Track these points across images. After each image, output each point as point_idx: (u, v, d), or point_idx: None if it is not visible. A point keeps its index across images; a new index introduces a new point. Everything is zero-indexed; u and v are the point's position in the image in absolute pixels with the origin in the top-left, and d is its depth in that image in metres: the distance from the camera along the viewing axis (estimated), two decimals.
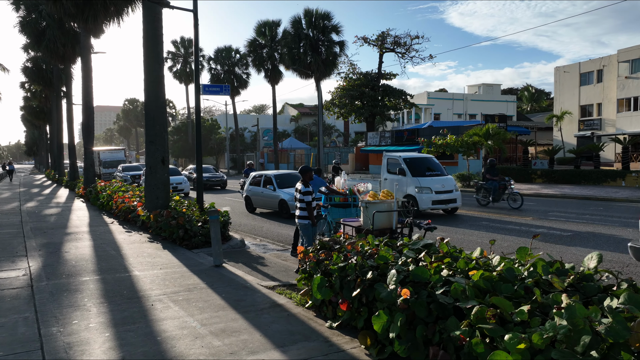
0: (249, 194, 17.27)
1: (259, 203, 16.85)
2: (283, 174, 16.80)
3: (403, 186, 15.10)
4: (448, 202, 14.93)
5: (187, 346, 4.62)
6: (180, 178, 24.93)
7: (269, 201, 16.19)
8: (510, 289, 3.88)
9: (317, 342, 4.74)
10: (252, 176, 17.61)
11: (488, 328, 3.39)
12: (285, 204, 15.02)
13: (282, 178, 16.22)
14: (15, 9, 29.96)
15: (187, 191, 24.74)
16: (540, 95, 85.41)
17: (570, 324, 3.02)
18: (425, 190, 14.66)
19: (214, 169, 31.93)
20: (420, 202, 14.45)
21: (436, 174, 15.45)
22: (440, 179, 15.26)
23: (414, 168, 15.32)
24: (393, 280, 4.40)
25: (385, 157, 16.16)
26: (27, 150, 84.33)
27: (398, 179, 15.31)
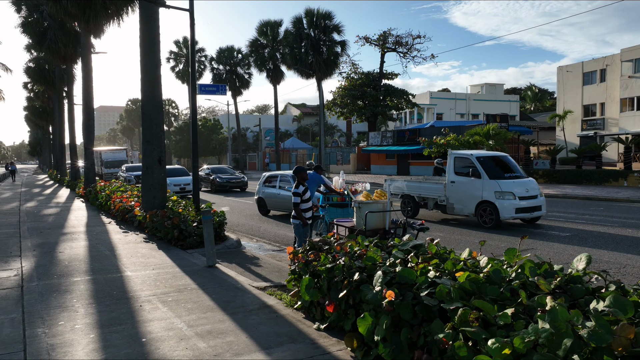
0: (263, 196, 16.26)
1: (275, 205, 15.86)
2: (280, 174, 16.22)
3: (476, 190, 12.67)
4: (533, 210, 12.44)
5: (171, 348, 4.57)
6: (188, 179, 23.74)
7: (287, 203, 14.76)
8: (496, 291, 3.81)
9: (303, 344, 4.67)
10: (265, 176, 16.65)
11: (471, 331, 3.32)
12: None
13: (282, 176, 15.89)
14: (17, 10, 30.02)
15: None
16: (543, 95, 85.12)
17: (553, 328, 2.95)
18: (507, 196, 12.15)
19: (232, 169, 29.63)
20: (502, 210, 12.06)
21: (516, 176, 12.95)
22: (523, 181, 12.78)
23: (489, 168, 12.81)
24: (379, 282, 4.34)
25: (452, 155, 13.59)
26: (31, 151, 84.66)
27: (469, 181, 12.87)
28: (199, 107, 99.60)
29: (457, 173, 13.38)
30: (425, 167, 35.53)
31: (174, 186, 22.07)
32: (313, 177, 10.20)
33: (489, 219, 12.36)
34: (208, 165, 29.60)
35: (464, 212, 13.08)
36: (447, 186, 13.46)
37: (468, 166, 13.10)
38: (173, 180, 22.51)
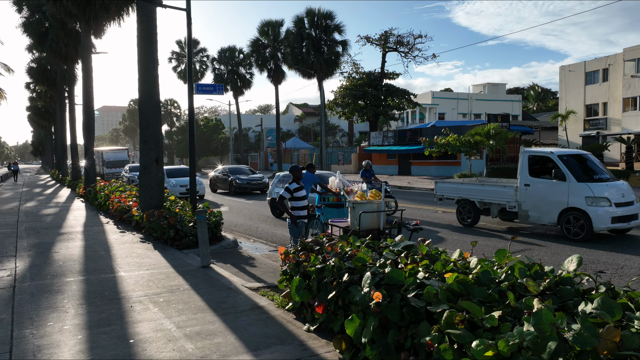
0: None
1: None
2: (321, 173, 14.80)
3: (560, 195, 10.74)
4: (630, 219, 10.56)
5: (158, 349, 4.53)
6: None
7: None
8: (484, 292, 3.76)
9: (292, 346, 4.63)
10: (279, 176, 15.76)
11: (456, 334, 3.27)
12: None
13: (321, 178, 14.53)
14: (18, 10, 30.10)
15: (202, 193, 22.41)
16: (546, 95, 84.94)
17: (537, 330, 2.89)
18: (602, 202, 10.28)
19: (250, 169, 26.97)
20: (595, 219, 10.14)
21: (606, 178, 11.02)
22: (615, 185, 10.84)
23: (575, 169, 10.85)
24: (367, 283, 4.29)
25: (525, 154, 11.58)
26: (34, 151, 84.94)
27: (551, 185, 10.87)
28: (201, 107, 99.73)
29: (534, 174, 11.31)
30: (427, 167, 35.49)
31: (179, 187, 21.51)
32: (307, 176, 10.16)
33: (577, 229, 10.49)
34: (225, 166, 27.44)
35: (542, 220, 11.14)
36: (519, 190, 11.46)
37: (548, 167, 11.17)
38: (178, 181, 21.96)
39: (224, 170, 25.79)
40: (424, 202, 18.31)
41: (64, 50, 29.16)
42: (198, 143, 62.40)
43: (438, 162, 34.00)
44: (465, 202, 12.92)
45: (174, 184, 21.83)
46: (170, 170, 23.21)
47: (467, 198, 12.86)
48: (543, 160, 11.39)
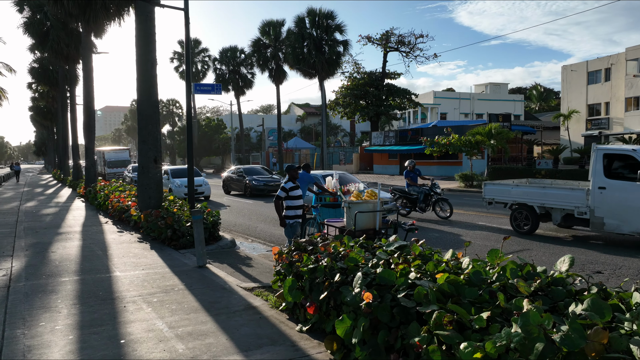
0: None
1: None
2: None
3: None
4: None
5: (149, 350, 4.51)
6: (200, 179, 21.29)
7: None
8: (475, 293, 3.72)
9: (284, 347, 4.60)
10: None
11: (444, 335, 3.23)
12: None
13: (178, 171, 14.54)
14: (19, 10, 30.16)
15: (208, 194, 21.71)
16: (549, 95, 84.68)
17: (524, 332, 2.86)
18: None
19: (266, 169, 25.06)
20: None
21: None
22: None
23: None
24: (358, 283, 4.26)
25: (599, 152, 10.12)
26: (36, 151, 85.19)
27: (634, 188, 9.40)
28: (203, 107, 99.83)
29: (611, 176, 9.88)
30: (428, 167, 35.39)
31: (184, 187, 19.66)
32: (303, 176, 10.11)
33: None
34: (239, 166, 25.26)
35: (622, 229, 9.69)
36: (592, 193, 10.06)
37: (629, 167, 9.74)
38: (183, 182, 20.32)
39: (239, 171, 24.25)
40: None
41: (65, 50, 29.20)
42: (200, 143, 62.46)
43: (439, 162, 33.93)
44: (521, 206, 11.54)
45: (178, 184, 20.93)
46: (175, 171, 22.48)
47: (524, 202, 11.45)
48: (622, 158, 9.89)
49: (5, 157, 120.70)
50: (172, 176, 21.72)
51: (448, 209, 13.91)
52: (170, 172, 22.33)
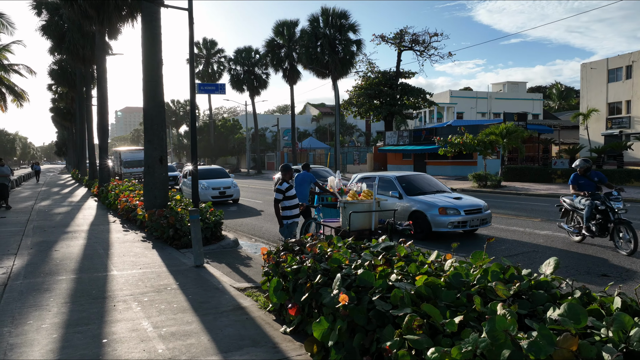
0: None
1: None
2: (411, 177, 12.07)
3: None
4: None
5: (129, 350, 4.49)
6: (229, 181, 19.69)
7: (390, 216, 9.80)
8: (452, 296, 3.60)
9: (265, 348, 4.53)
10: (356, 178, 12.18)
11: (412, 339, 3.13)
12: (424, 218, 10.41)
13: (410, 181, 11.81)
14: (37, 13, 30.76)
15: (237, 197, 19.71)
16: (569, 93, 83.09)
17: (490, 337, 2.74)
18: None
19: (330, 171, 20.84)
20: None
21: None
22: None
23: None
24: (337, 285, 4.17)
25: None
26: (57, 151, 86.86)
27: None
28: (220, 107, 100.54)
29: None
30: (442, 167, 35.03)
31: (212, 190, 18.86)
32: (304, 176, 10.06)
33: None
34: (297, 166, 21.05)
35: None
36: None
37: None
38: (211, 183, 19.15)
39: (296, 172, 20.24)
40: None
41: (82, 52, 29.68)
42: (216, 143, 62.95)
43: (454, 162, 33.53)
44: None
45: (205, 186, 19.02)
46: (202, 171, 20.25)
47: None
48: None
49: (29, 157, 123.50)
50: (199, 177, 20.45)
51: (630, 238, 8.62)
52: None
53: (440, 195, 11.20)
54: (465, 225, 10.29)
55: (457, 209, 10.28)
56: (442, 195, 11.20)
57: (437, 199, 10.78)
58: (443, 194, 11.47)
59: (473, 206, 10.66)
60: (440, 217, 10.20)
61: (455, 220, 10.12)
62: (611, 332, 2.79)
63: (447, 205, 10.43)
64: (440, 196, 11.11)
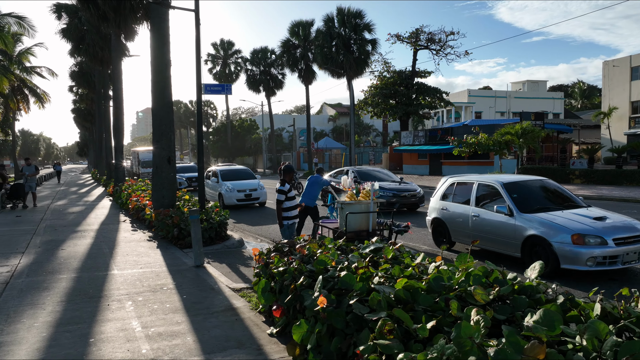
0: (443, 217, 9.22)
1: (466, 232, 8.67)
2: (526, 183, 8.70)
3: None
4: None
5: (113, 349, 4.50)
6: (255, 183, 18.42)
7: (495, 230, 8.04)
8: (430, 300, 3.51)
9: (248, 350, 4.50)
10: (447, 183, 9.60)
11: (383, 344, 3.05)
12: (548, 247, 7.19)
13: (526, 190, 8.47)
14: (57, 17, 31.37)
15: (263, 200, 18.22)
16: (592, 92, 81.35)
17: (456, 344, 2.65)
18: None
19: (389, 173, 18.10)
20: None
21: None
22: None
23: None
24: (318, 287, 4.11)
25: None
26: (79, 151, 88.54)
27: None
28: (238, 108, 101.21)
29: None
30: (458, 167, 34.59)
31: (237, 192, 17.64)
32: (316, 179, 10.04)
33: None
34: (352, 168, 18.13)
35: None
36: None
37: None
38: (236, 185, 17.91)
39: (352, 174, 15.99)
40: None
41: (100, 53, 30.16)
42: (233, 144, 63.38)
43: (470, 162, 33.09)
44: None
45: (229, 188, 17.75)
46: (226, 172, 19.16)
47: None
48: None
49: (52, 157, 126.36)
50: (223, 178, 18.48)
51: None
52: (220, 173, 18.90)
53: (571, 213, 7.59)
54: (616, 262, 6.87)
55: (602, 236, 6.85)
56: (574, 213, 7.58)
57: (569, 219, 7.28)
58: (576, 210, 7.80)
59: (627, 230, 7.12)
60: (575, 249, 6.82)
61: (598, 254, 6.74)
62: (585, 340, 2.67)
63: (585, 230, 6.95)
64: (572, 214, 7.53)
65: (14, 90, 42.35)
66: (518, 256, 7.63)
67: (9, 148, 57.88)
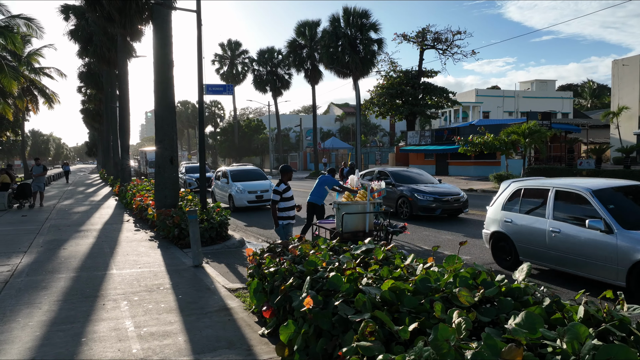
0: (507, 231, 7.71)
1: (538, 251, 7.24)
2: (627, 188, 7.12)
3: None
4: None
5: (104, 349, 4.52)
6: (266, 184, 17.53)
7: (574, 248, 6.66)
8: (415, 302, 3.49)
9: (238, 351, 4.50)
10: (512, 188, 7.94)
11: (364, 346, 3.03)
12: None
13: (626, 198, 7.10)
14: (65, 18, 31.63)
15: None
16: (602, 91, 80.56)
17: (433, 347, 2.62)
18: None
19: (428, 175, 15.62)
20: None
21: None
22: None
23: None
24: (306, 288, 4.10)
25: None
26: (88, 151, 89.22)
27: None
28: (246, 108, 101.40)
29: None
30: (465, 167, 34.42)
31: (248, 193, 16.93)
32: (326, 178, 10.26)
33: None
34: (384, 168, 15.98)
35: None
36: None
37: None
38: (247, 186, 17.15)
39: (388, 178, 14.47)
40: None
41: (107, 54, 30.35)
42: (240, 143, 63.55)
43: (476, 162, 32.93)
44: None
45: (240, 189, 17.04)
46: (237, 172, 18.38)
47: None
48: None
49: (62, 157, 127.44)
50: (233, 179, 17.68)
51: None
52: (230, 174, 18.05)
53: None
54: None
55: None
56: None
57: None
58: None
59: None
60: None
61: None
62: (565, 344, 2.64)
63: None
64: None
65: (23, 91, 42.78)
66: (622, 285, 6.03)
67: (19, 148, 58.45)
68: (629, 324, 2.87)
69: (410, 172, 15.67)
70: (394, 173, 14.97)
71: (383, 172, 14.98)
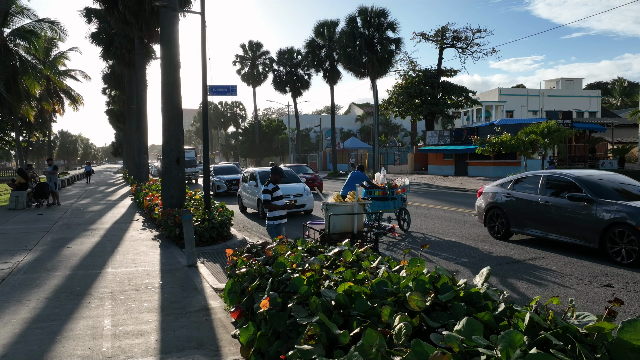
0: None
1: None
2: None
3: None
4: None
5: (75, 347, 4.59)
6: (300, 187, 15.62)
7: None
8: (365, 305, 3.42)
9: (205, 351, 4.50)
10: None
11: (303, 350, 2.98)
12: None
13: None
14: (87, 21, 32.40)
15: (309, 207, 15.47)
16: (632, 89, 78.07)
17: (361, 353, 2.56)
18: None
19: None
20: None
21: None
22: None
23: None
24: (267, 290, 4.07)
25: None
26: (114, 151, 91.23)
27: None
28: (268, 109, 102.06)
29: None
30: (484, 167, 33.84)
31: None
32: (357, 174, 11.22)
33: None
34: (562, 172, 9.41)
35: None
36: None
37: None
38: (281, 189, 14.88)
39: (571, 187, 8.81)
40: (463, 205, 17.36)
41: (127, 56, 30.95)
42: (260, 144, 63.99)
43: (496, 162, 32.33)
44: None
45: None
46: (265, 174, 15.69)
47: None
48: None
49: (90, 157, 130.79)
50: (262, 182, 15.41)
51: None
52: (260, 176, 16.01)
53: None
54: None
55: None
56: None
57: None
58: None
59: None
60: None
61: None
62: (500, 352, 2.53)
63: None
64: None
65: (50, 93, 44.02)
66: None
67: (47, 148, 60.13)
68: (576, 333, 2.74)
69: (611, 179, 8.99)
70: (586, 181, 8.68)
71: (564, 178, 9.02)
